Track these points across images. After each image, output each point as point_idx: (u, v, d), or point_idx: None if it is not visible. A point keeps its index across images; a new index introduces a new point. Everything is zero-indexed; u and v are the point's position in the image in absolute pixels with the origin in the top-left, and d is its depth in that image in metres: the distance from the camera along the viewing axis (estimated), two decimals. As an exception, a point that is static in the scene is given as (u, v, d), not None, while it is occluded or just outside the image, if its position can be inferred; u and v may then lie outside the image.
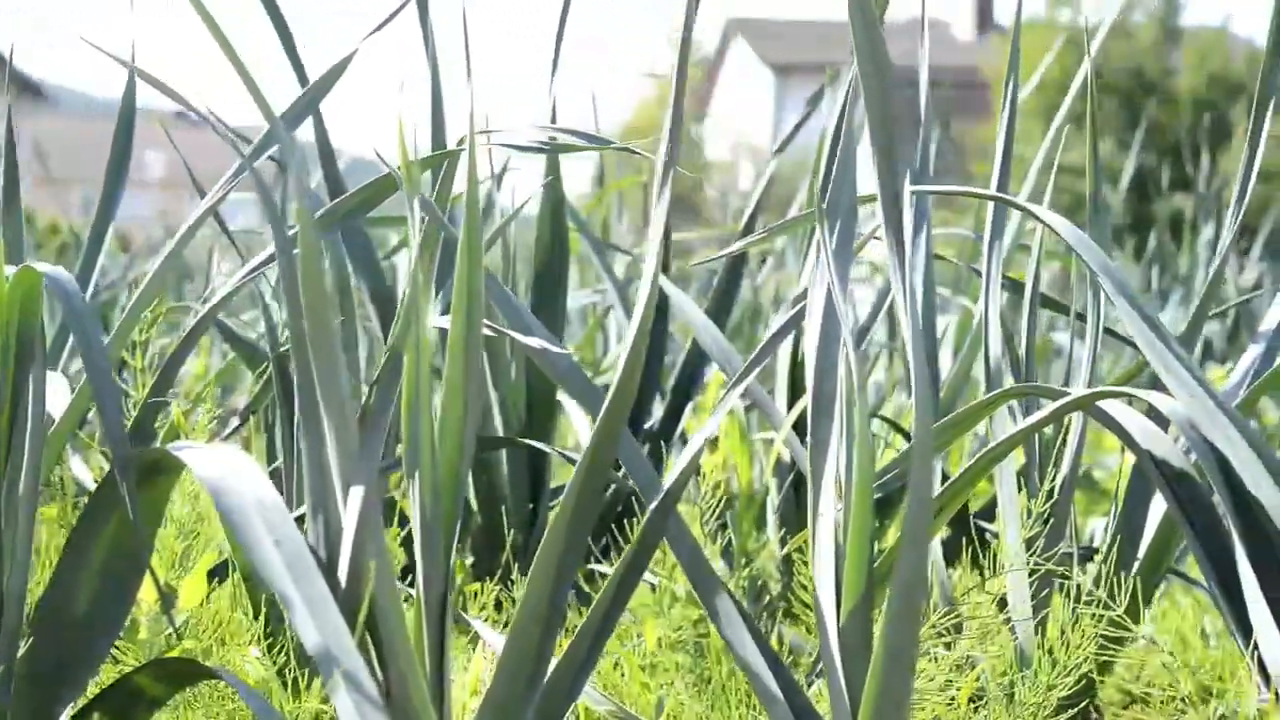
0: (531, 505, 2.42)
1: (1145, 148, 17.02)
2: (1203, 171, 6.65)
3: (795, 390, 2.54)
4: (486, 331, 1.49)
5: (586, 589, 2.26)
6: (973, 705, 1.77)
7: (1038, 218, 1.61)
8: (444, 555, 1.28)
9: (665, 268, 2.41)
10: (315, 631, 1.16)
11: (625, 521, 2.29)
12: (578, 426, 3.12)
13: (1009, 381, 2.01)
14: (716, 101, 33.24)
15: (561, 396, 3.45)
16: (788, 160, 3.60)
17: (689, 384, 2.52)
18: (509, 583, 2.19)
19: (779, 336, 1.46)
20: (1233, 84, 20.63)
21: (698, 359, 2.52)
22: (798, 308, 1.45)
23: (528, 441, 2.21)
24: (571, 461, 2.19)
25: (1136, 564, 1.86)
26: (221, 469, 1.25)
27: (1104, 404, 1.58)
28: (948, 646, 1.76)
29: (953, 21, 33.68)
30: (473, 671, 1.40)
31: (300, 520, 1.78)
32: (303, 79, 2.05)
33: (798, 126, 2.74)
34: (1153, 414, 1.63)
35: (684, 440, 2.58)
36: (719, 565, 2.60)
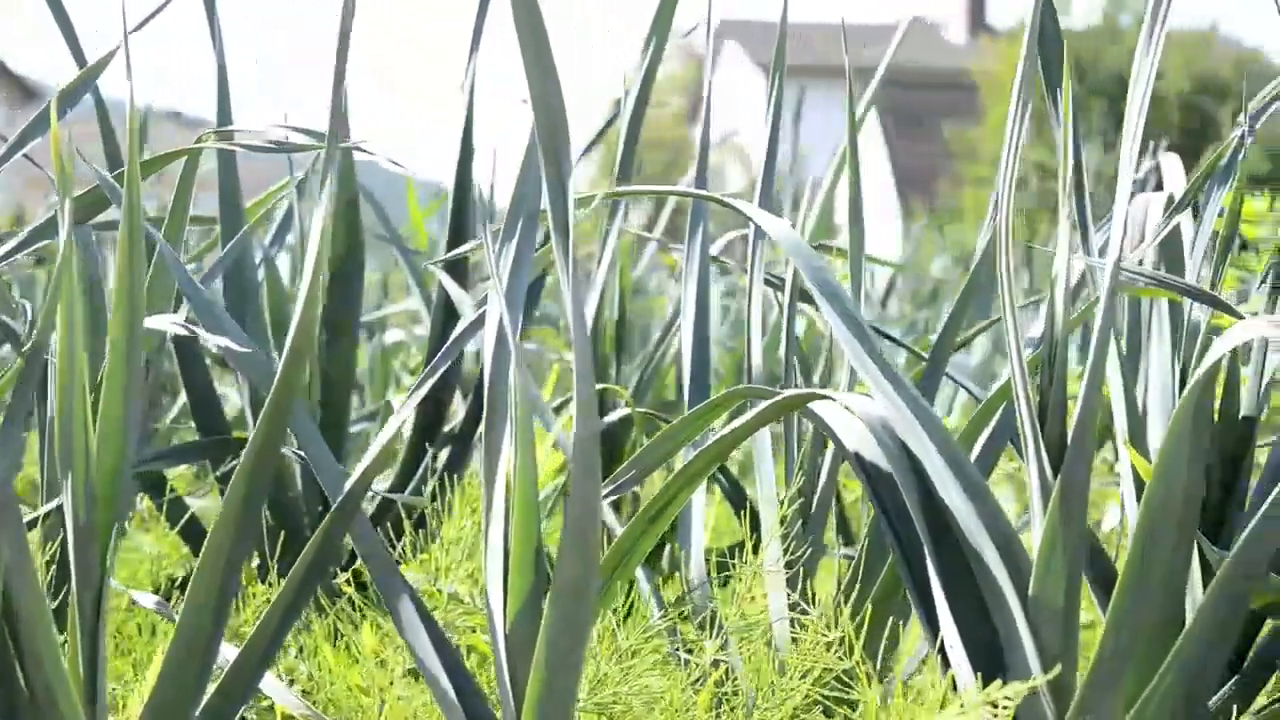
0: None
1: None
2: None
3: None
4: (180, 330, 1.47)
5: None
6: (718, 711, 1.76)
7: (749, 217, 1.61)
8: (100, 558, 1.27)
9: (457, 272, 2.38)
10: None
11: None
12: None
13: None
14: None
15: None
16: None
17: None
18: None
19: (463, 338, 1.45)
20: (1219, 85, 20.91)
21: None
22: (479, 312, 1.44)
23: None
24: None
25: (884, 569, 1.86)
26: None
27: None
28: (689, 650, 1.75)
29: (945, 24, 33.50)
30: (152, 671, 1.38)
31: (49, 517, 1.76)
32: (80, 62, 2.11)
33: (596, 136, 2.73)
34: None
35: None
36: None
